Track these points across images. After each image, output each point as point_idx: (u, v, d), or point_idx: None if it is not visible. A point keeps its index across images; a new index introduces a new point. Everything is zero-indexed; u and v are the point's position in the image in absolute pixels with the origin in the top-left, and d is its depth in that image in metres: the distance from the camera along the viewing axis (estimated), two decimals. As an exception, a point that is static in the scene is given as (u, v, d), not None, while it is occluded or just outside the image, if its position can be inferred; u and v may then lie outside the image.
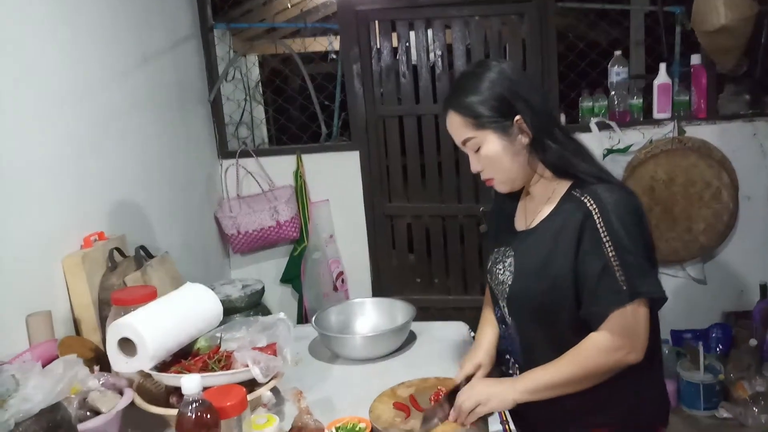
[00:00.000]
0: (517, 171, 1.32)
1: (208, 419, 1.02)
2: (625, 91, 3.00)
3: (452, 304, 3.16)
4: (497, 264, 1.40)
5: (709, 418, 2.88)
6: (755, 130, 2.95)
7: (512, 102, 1.27)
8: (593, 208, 1.21)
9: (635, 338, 1.20)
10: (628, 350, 1.20)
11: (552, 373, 1.25)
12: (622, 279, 1.18)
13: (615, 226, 1.19)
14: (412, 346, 1.83)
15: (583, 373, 1.22)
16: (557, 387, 1.24)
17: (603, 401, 1.29)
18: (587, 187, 1.25)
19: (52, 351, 1.43)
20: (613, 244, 1.18)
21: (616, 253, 1.18)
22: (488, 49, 2.96)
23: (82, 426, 1.22)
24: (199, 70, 2.97)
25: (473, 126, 1.29)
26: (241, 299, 2.40)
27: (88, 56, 1.96)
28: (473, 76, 1.31)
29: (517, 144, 1.29)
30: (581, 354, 1.23)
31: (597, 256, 1.20)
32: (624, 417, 1.32)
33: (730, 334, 3.02)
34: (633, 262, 1.18)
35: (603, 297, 1.19)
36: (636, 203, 1.25)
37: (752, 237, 2.99)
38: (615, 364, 1.21)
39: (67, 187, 1.79)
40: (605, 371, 1.22)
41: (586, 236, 1.21)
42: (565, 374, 1.23)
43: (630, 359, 1.20)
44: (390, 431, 1.26)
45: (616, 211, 1.20)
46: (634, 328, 1.19)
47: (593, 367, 1.22)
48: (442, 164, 3.06)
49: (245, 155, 3.07)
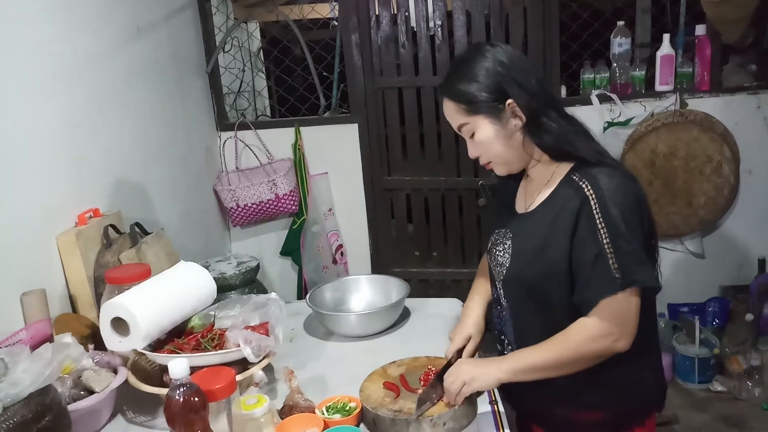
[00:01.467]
0: (512, 155, 1.32)
1: (195, 402, 1.03)
2: (627, 63, 2.95)
3: (450, 277, 3.17)
4: (497, 245, 1.40)
5: (703, 391, 2.91)
6: (759, 103, 2.90)
7: (505, 87, 1.26)
8: (590, 194, 1.21)
9: (624, 326, 1.20)
10: (616, 337, 1.20)
11: (538, 354, 1.26)
12: (615, 267, 1.17)
13: (612, 213, 1.18)
14: (407, 322, 1.85)
15: (569, 357, 1.23)
16: (542, 369, 1.25)
17: (597, 384, 1.30)
18: (586, 171, 1.25)
19: (47, 329, 1.45)
20: (609, 231, 1.18)
21: (611, 240, 1.18)
22: (489, 18, 2.91)
23: (76, 405, 1.24)
24: (196, 40, 2.93)
25: (466, 112, 1.30)
26: (235, 276, 2.41)
27: (81, 29, 1.94)
28: (466, 62, 1.30)
29: (509, 127, 1.28)
30: (569, 338, 1.23)
31: (592, 242, 1.19)
32: (617, 400, 1.33)
33: (727, 308, 3.03)
34: (628, 250, 1.17)
35: (596, 284, 1.20)
36: (636, 189, 1.24)
37: (752, 212, 2.97)
38: (602, 351, 1.22)
39: (61, 163, 1.79)
40: (592, 357, 1.23)
41: (582, 222, 1.21)
42: (552, 357, 1.24)
43: (618, 347, 1.21)
44: (379, 411, 1.28)
45: (614, 197, 1.19)
46: (625, 316, 1.20)
47: (580, 352, 1.22)
48: (441, 137, 3.03)
49: (243, 127, 3.05)
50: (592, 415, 1.34)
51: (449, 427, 1.26)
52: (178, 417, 1.03)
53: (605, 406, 1.34)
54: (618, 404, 1.34)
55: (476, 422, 1.30)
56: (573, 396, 1.33)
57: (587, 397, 1.32)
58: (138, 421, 1.40)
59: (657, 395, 1.40)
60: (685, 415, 2.75)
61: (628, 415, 1.36)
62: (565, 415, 1.36)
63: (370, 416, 1.29)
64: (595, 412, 1.34)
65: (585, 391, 1.31)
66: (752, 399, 2.79)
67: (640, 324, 1.24)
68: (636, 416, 1.37)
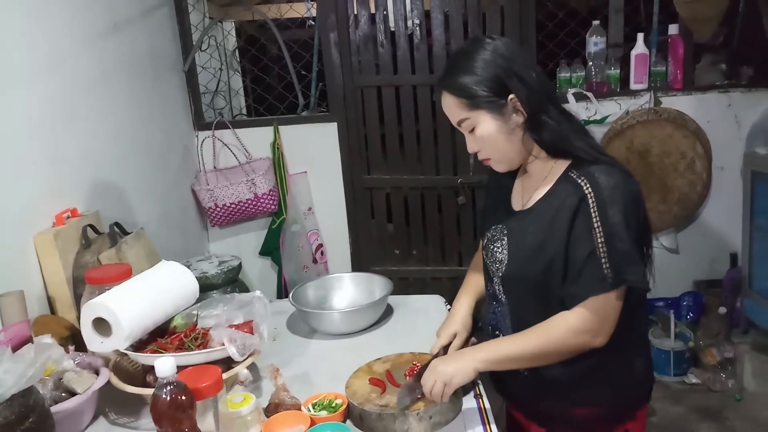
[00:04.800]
0: (512, 151, 1.31)
1: (183, 401, 1.03)
2: (602, 62, 3.00)
3: (430, 274, 3.19)
4: (494, 242, 1.40)
5: (679, 383, 2.97)
6: (730, 101, 2.97)
7: (506, 81, 1.25)
8: (588, 192, 1.21)
9: (606, 324, 1.22)
10: (595, 334, 1.22)
11: (516, 344, 1.27)
12: (607, 266, 1.18)
13: (609, 213, 1.18)
14: (390, 319, 1.85)
15: (546, 350, 1.24)
16: (518, 359, 1.27)
17: (591, 379, 1.31)
18: (584, 169, 1.24)
19: (26, 331, 1.42)
20: (604, 230, 1.18)
21: (605, 239, 1.18)
22: (467, 17, 2.93)
23: (58, 407, 1.22)
24: (173, 38, 2.90)
25: (467, 106, 1.28)
26: (217, 276, 2.39)
27: (56, 25, 1.91)
28: (466, 55, 1.28)
29: (511, 123, 1.28)
30: (549, 330, 1.25)
31: (587, 240, 1.20)
32: (610, 396, 1.34)
33: (701, 302, 3.10)
34: (621, 250, 1.18)
35: (586, 281, 1.20)
36: (634, 188, 1.23)
37: (724, 207, 3.04)
38: (581, 346, 1.23)
39: (37, 162, 1.76)
40: (569, 351, 1.24)
41: (579, 220, 1.21)
42: (529, 348, 1.25)
43: (595, 343, 1.23)
44: (366, 406, 1.28)
45: (612, 196, 1.19)
46: (607, 314, 1.21)
47: (558, 346, 1.24)
48: (420, 136, 3.04)
49: (221, 126, 3.03)
50: (585, 411, 1.35)
51: (435, 420, 1.26)
52: (165, 416, 1.02)
53: (599, 402, 1.34)
54: (611, 400, 1.34)
55: (462, 416, 1.32)
56: (567, 391, 1.33)
57: (581, 392, 1.33)
58: (121, 422, 1.38)
59: (648, 389, 1.41)
60: (661, 407, 2.81)
61: (621, 411, 1.37)
62: (559, 411, 1.37)
63: (356, 412, 1.29)
64: (589, 408, 1.34)
65: (579, 387, 1.32)
66: (726, 390, 2.86)
67: (634, 321, 1.26)
68: (628, 411, 1.37)
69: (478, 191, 3.04)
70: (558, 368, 1.29)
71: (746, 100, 2.95)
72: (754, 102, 2.95)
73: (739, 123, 2.98)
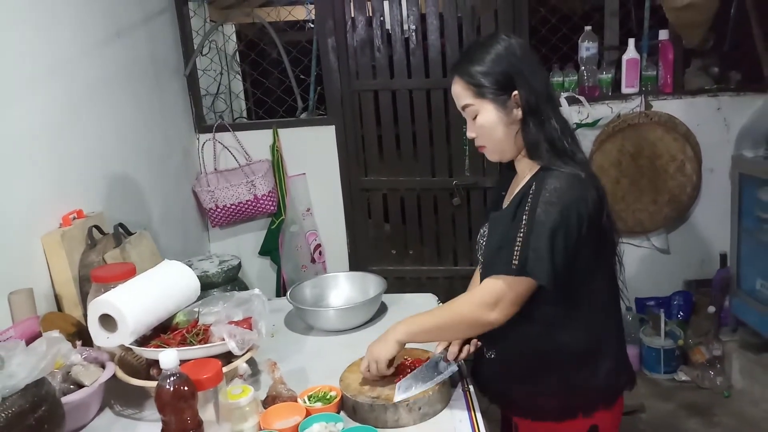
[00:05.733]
0: (507, 143, 1.39)
1: (185, 391, 1.09)
2: (594, 66, 3.06)
3: (426, 274, 3.25)
4: (480, 240, 1.50)
5: (669, 381, 3.04)
6: (719, 105, 3.03)
7: (513, 77, 1.33)
8: (533, 190, 1.30)
9: (500, 303, 1.29)
10: (489, 309, 1.30)
11: (429, 317, 1.41)
12: (516, 255, 1.27)
13: (537, 211, 1.27)
14: (384, 317, 1.91)
15: (452, 320, 1.36)
16: (432, 330, 1.39)
17: (546, 369, 1.37)
18: (548, 170, 1.32)
19: (35, 327, 1.49)
20: (528, 224, 1.27)
21: (525, 233, 1.27)
22: (461, 22, 2.99)
23: (66, 399, 1.28)
24: (174, 43, 2.97)
25: (474, 94, 1.36)
26: (218, 274, 2.45)
27: (60, 32, 1.97)
28: (483, 46, 1.37)
29: (511, 117, 1.36)
30: (456, 303, 1.37)
31: (514, 227, 1.30)
32: (567, 388, 1.38)
33: (691, 301, 3.16)
34: (534, 246, 1.25)
35: (496, 261, 1.31)
36: (577, 197, 1.28)
37: (714, 208, 3.10)
38: (477, 319, 1.32)
39: (43, 165, 1.82)
40: (470, 322, 1.34)
41: (519, 210, 1.32)
42: (439, 319, 1.39)
43: (490, 318, 1.30)
44: (358, 398, 1.35)
45: (549, 197, 1.27)
46: (504, 295, 1.29)
47: (459, 317, 1.35)
48: (416, 139, 3.11)
49: (222, 129, 3.09)
50: (541, 400, 1.40)
51: (424, 411, 1.33)
52: (169, 405, 1.09)
53: (552, 393, 1.39)
54: (571, 393, 1.38)
55: (450, 407, 1.38)
56: (525, 380, 1.40)
57: (537, 381, 1.39)
58: (125, 414, 1.45)
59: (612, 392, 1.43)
60: (651, 404, 2.87)
61: (574, 405, 1.39)
62: (522, 398, 1.43)
63: (349, 403, 1.36)
64: (544, 397, 1.39)
65: (535, 376, 1.39)
66: (715, 387, 2.92)
67: (598, 323, 1.34)
68: (584, 407, 1.39)
69: (473, 193, 3.11)
70: (518, 353, 1.38)
71: (735, 103, 3.02)
72: (743, 106, 3.02)
73: (728, 126, 3.04)
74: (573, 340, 1.35)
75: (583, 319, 1.35)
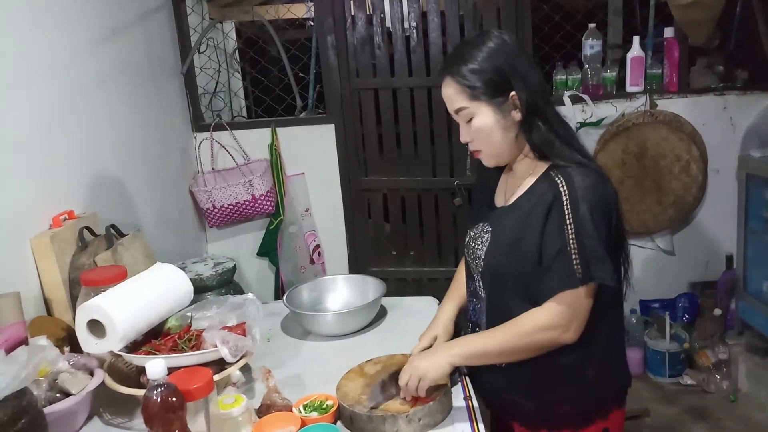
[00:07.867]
0: (505, 146, 1.33)
1: (173, 402, 1.04)
2: (598, 65, 3.01)
3: (427, 275, 3.20)
4: (476, 239, 1.43)
5: (674, 384, 2.99)
6: (725, 104, 2.98)
7: (509, 77, 1.27)
8: (564, 190, 1.24)
9: (574, 321, 1.24)
10: (563, 330, 1.24)
11: (487, 340, 1.30)
12: (576, 263, 1.21)
13: (580, 210, 1.21)
14: (383, 321, 1.87)
15: (516, 345, 1.27)
16: (490, 354, 1.30)
17: (562, 378, 1.33)
18: (563, 169, 1.27)
19: (21, 333, 1.44)
20: (575, 227, 1.21)
21: (576, 237, 1.21)
22: (464, 19, 2.94)
23: (52, 408, 1.24)
24: (171, 41, 2.92)
25: (468, 96, 1.29)
26: (212, 278, 2.41)
27: (54, 30, 1.92)
28: (474, 45, 1.30)
29: (509, 120, 1.29)
30: (519, 327, 1.27)
31: (558, 237, 1.23)
32: (579, 396, 1.35)
33: (696, 303, 3.12)
34: (591, 247, 1.20)
35: (556, 277, 1.23)
36: (607, 191, 1.26)
37: (719, 209, 3.05)
38: (549, 341, 1.25)
39: (34, 165, 1.78)
40: (539, 346, 1.27)
41: (552, 217, 1.24)
42: (500, 344, 1.28)
43: (564, 339, 1.25)
44: (356, 408, 1.30)
45: (585, 195, 1.22)
46: (576, 311, 1.23)
47: (527, 342, 1.26)
48: (417, 138, 3.06)
49: (219, 128, 3.05)
50: (559, 408, 1.36)
51: (424, 422, 1.28)
52: (156, 417, 1.04)
53: (570, 400, 1.36)
54: (581, 399, 1.36)
55: (451, 417, 1.33)
56: (540, 390, 1.36)
57: (551, 389, 1.35)
58: (115, 423, 1.40)
59: (621, 390, 1.43)
60: (655, 408, 2.82)
61: (592, 410, 1.37)
62: (535, 408, 1.39)
63: (346, 413, 1.31)
64: (561, 406, 1.36)
65: (549, 384, 1.34)
66: (720, 391, 2.87)
67: (607, 322, 1.28)
68: (600, 411, 1.38)
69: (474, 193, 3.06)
70: (529, 364, 1.31)
71: (741, 102, 2.97)
72: (749, 105, 2.96)
73: (734, 126, 2.99)
74: (586, 342, 1.29)
75: (593, 319, 1.29)
